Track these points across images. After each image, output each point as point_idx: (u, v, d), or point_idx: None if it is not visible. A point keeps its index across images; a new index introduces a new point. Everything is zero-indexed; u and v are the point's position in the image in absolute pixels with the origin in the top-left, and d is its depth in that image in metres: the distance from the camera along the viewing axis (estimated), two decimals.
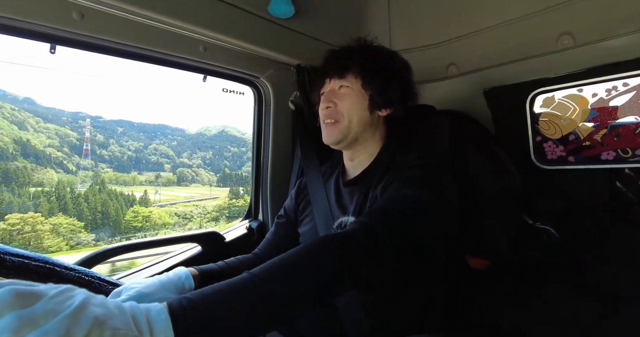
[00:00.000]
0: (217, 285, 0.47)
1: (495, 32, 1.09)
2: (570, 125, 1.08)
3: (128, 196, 24.43)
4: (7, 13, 0.72)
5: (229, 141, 52.25)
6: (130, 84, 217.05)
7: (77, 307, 0.34)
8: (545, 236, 1.08)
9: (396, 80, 0.85)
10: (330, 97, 0.85)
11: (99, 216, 21.61)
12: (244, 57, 1.13)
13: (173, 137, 51.44)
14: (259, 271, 0.49)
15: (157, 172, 42.41)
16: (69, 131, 40.96)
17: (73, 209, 21.92)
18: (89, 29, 0.82)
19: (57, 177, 30.23)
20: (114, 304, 0.38)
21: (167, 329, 0.39)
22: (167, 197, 30.27)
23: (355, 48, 0.88)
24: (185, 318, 0.41)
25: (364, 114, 0.84)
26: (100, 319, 0.35)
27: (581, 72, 1.02)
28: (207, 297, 0.44)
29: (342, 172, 0.94)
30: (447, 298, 0.84)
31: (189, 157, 48.43)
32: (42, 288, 0.35)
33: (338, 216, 0.85)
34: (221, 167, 47.07)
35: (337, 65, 0.86)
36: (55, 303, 0.34)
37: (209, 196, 32.29)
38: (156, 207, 24.64)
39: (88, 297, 0.36)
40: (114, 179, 40.82)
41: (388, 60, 0.86)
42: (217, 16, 0.94)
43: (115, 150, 45.67)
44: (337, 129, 0.84)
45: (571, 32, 0.97)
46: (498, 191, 0.93)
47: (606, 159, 1.02)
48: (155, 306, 0.41)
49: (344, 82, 0.84)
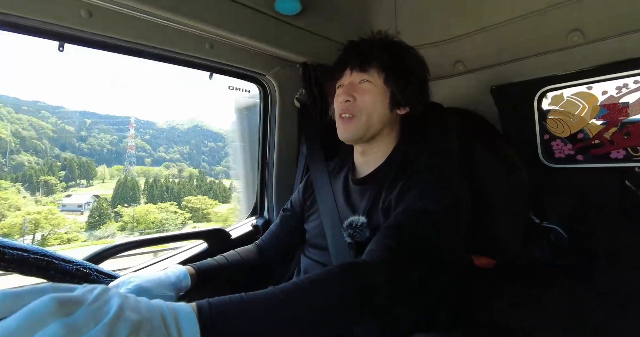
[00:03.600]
0: (245, 296, 0.47)
1: (503, 29, 1.08)
2: (579, 123, 1.07)
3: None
4: (16, 11, 0.73)
5: (204, 136, 52.52)
6: (96, 75, 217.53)
7: (115, 313, 0.35)
8: (553, 235, 1.06)
9: (416, 78, 0.83)
10: (350, 91, 0.81)
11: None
12: (250, 55, 1.13)
13: (145, 131, 51.54)
14: (286, 288, 0.50)
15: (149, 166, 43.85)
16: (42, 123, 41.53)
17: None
18: (97, 27, 0.83)
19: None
20: (146, 305, 0.39)
21: (195, 334, 0.39)
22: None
23: (378, 41, 0.84)
24: (213, 325, 0.42)
25: (384, 111, 0.81)
26: (136, 325, 0.35)
27: (590, 70, 1.00)
28: (236, 308, 0.45)
29: (352, 169, 0.92)
30: (455, 298, 0.84)
31: (165, 151, 48.74)
32: (79, 293, 0.35)
33: (347, 215, 0.83)
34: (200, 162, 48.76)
35: (360, 57, 0.82)
36: (95, 309, 0.34)
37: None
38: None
39: (123, 301, 0.37)
40: (146, 172, 43.07)
41: (410, 57, 0.84)
42: (224, 14, 0.94)
43: (94, 143, 45.85)
44: (355, 125, 0.81)
45: (580, 28, 0.96)
46: (505, 190, 0.92)
47: (616, 157, 1.01)
48: (184, 308, 0.41)
49: (365, 76, 0.81)
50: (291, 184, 1.32)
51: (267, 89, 1.29)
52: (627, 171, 0.98)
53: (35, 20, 0.76)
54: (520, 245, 0.93)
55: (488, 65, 1.20)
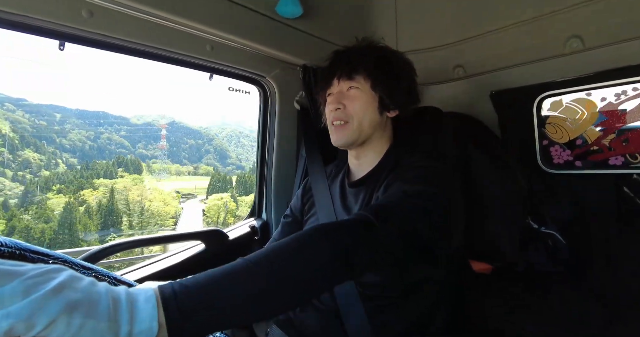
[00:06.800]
0: (210, 271, 0.45)
1: (503, 34, 1.09)
2: (578, 129, 1.07)
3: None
4: (17, 10, 0.73)
5: (183, 133, 52.46)
6: (57, 66, 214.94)
7: (49, 290, 0.31)
8: (551, 241, 1.06)
9: (403, 80, 0.85)
10: (339, 99, 0.84)
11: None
12: (251, 57, 1.13)
13: (119, 127, 51.21)
14: (254, 257, 0.48)
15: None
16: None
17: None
18: (97, 26, 0.83)
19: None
20: (99, 288, 0.35)
21: (152, 318, 0.36)
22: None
23: (363, 48, 0.87)
24: (177, 304, 0.39)
25: (374, 115, 0.83)
26: (71, 305, 0.31)
27: (589, 76, 1.01)
28: (200, 283, 0.42)
29: (348, 172, 0.93)
30: (451, 303, 0.83)
31: (144, 147, 48.59)
32: (23, 268, 0.32)
33: (343, 217, 0.84)
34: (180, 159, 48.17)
35: (346, 66, 0.84)
36: (30, 284, 0.31)
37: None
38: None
39: (70, 279, 0.33)
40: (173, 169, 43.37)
41: (395, 60, 0.86)
42: (225, 15, 0.94)
43: (75, 139, 45.42)
44: (347, 131, 0.83)
45: (580, 35, 0.96)
46: (503, 195, 0.93)
47: (614, 164, 1.01)
48: (146, 292, 0.39)
49: (353, 83, 0.83)
50: (290, 186, 1.32)
51: (267, 91, 1.29)
52: (625, 177, 0.98)
53: (37, 19, 0.76)
54: (517, 250, 0.93)
55: (488, 70, 1.20)
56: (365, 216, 0.59)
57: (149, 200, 29.36)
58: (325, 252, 0.51)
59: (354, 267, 0.53)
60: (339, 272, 0.53)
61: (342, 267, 0.52)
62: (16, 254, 0.52)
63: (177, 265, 1.04)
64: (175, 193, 35.69)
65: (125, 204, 28.44)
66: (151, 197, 29.90)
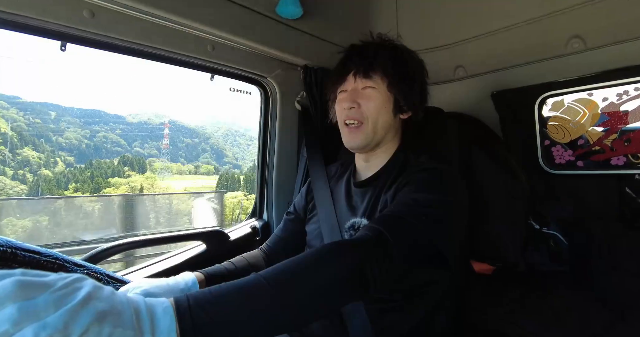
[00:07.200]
0: (224, 285, 0.46)
1: (504, 34, 1.08)
2: (580, 129, 1.07)
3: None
4: (19, 10, 0.73)
5: (180, 132, 52.35)
6: (51, 65, 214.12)
7: (79, 301, 0.32)
8: (552, 241, 1.06)
9: (417, 82, 0.83)
10: (354, 97, 0.80)
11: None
12: (251, 57, 1.13)
13: (115, 125, 51.12)
14: (268, 274, 0.48)
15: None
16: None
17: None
18: (99, 27, 0.83)
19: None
20: (121, 297, 0.37)
21: (171, 330, 0.38)
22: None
23: (381, 46, 0.83)
24: (192, 318, 0.40)
25: (388, 117, 0.81)
26: (100, 315, 0.33)
27: (591, 76, 1.01)
28: (214, 298, 0.43)
29: (354, 172, 0.92)
30: (452, 304, 0.83)
31: (140, 146, 48.46)
32: (49, 279, 0.34)
33: (349, 217, 0.83)
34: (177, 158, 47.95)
35: (364, 63, 0.80)
36: (60, 295, 0.32)
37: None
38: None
39: (94, 289, 0.35)
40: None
41: (411, 60, 0.83)
42: (226, 16, 0.94)
43: (71, 137, 45.19)
44: (362, 132, 0.80)
45: (581, 35, 0.96)
46: (505, 195, 0.92)
47: (616, 164, 1.00)
48: (162, 304, 0.40)
49: (369, 82, 0.80)
50: (291, 186, 1.32)
51: (268, 92, 1.29)
52: (627, 177, 0.98)
53: (38, 19, 0.76)
54: (519, 251, 0.93)
55: (489, 70, 1.20)
56: (378, 231, 0.59)
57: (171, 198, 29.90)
58: (340, 272, 0.51)
59: (368, 285, 0.53)
60: (353, 291, 0.53)
61: (356, 287, 0.52)
62: (8, 252, 0.52)
63: (178, 265, 1.04)
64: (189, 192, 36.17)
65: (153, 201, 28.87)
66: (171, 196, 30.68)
